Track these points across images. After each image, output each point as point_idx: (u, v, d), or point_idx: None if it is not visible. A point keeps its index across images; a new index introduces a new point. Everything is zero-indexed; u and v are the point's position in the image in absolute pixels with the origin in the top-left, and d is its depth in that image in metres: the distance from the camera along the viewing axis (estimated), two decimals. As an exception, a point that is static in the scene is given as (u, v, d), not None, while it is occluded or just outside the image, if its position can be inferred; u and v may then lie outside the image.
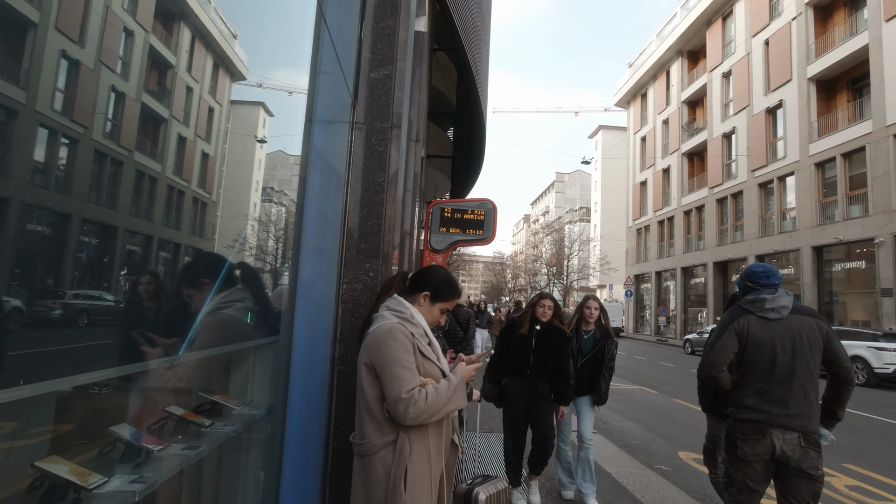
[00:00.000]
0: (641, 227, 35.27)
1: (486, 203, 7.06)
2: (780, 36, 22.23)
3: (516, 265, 62.38)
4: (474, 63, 7.36)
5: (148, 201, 1.34)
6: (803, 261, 20.15)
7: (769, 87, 22.74)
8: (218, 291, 1.72)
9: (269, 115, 2.09)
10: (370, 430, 1.74)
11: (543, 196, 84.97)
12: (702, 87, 28.49)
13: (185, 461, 1.45)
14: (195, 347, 1.63)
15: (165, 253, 1.51)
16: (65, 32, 0.99)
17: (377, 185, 2.50)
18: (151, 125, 1.34)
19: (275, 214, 2.43)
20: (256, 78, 1.91)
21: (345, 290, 2.44)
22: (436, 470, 1.78)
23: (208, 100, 1.63)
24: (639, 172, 36.15)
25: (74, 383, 1.08)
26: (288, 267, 2.38)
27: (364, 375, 1.76)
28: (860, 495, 4.93)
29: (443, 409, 1.72)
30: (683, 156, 30.00)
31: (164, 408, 1.55)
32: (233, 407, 1.83)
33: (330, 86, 2.43)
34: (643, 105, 36.68)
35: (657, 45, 33.83)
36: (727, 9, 26.47)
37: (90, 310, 1.12)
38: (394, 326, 1.77)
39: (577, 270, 45.15)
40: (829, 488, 5.08)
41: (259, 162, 2.13)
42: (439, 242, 6.77)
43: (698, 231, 28.15)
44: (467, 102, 9.15)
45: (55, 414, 1.10)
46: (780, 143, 22.09)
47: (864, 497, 4.90)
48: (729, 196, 25.28)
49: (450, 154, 11.99)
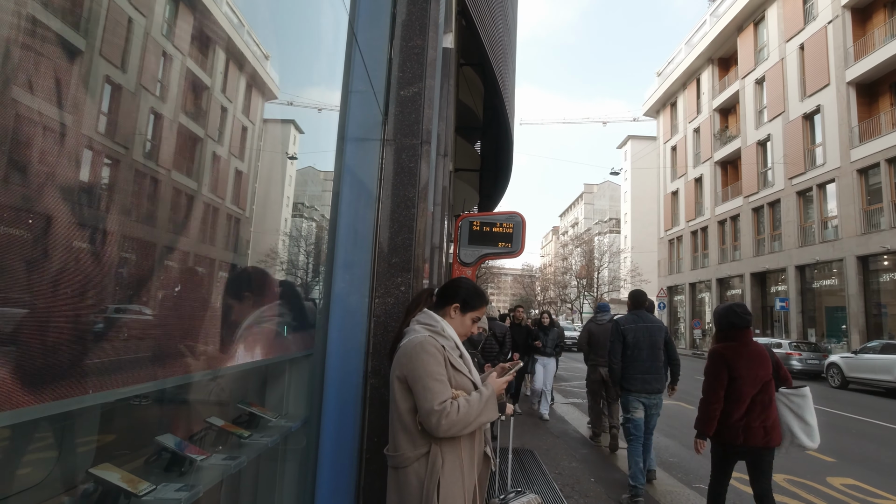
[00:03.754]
0: (674, 237, 34.52)
1: (514, 216, 7.04)
2: (815, 40, 21.64)
3: (545, 277, 61.76)
4: (501, 77, 7.41)
5: (184, 218, 1.39)
6: (847, 271, 19.32)
7: (805, 92, 22.11)
8: (259, 305, 1.78)
9: (299, 132, 2.15)
10: (403, 443, 1.76)
11: (572, 208, 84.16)
12: (734, 94, 27.90)
13: (226, 471, 1.49)
14: (234, 361, 1.68)
15: (201, 268, 1.56)
16: (108, 59, 1.05)
17: (408, 200, 2.54)
18: (188, 145, 1.39)
19: (305, 229, 2.50)
20: (287, 97, 1.98)
21: (377, 304, 2.48)
22: (469, 482, 1.78)
23: (241, 119, 1.69)
24: (670, 182, 35.48)
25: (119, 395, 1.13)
26: (319, 281, 2.43)
27: (397, 388, 1.78)
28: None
29: (475, 422, 1.73)
30: (716, 164, 29.33)
31: (205, 419, 1.60)
32: (270, 419, 1.88)
33: (361, 104, 2.50)
34: (673, 114, 36.11)
35: (686, 54, 33.36)
36: (759, 14, 25.96)
37: (130, 323, 1.17)
38: (425, 339, 1.79)
39: (608, 282, 44.40)
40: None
41: (290, 178, 2.19)
42: (468, 256, 6.78)
43: (733, 241, 27.37)
44: (494, 116, 9.20)
45: (101, 424, 1.15)
46: (819, 149, 21.39)
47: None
48: (765, 205, 24.55)
49: (478, 167, 12.04)
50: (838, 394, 13.71)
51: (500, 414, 1.98)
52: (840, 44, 20.26)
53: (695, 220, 31.44)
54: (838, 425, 9.24)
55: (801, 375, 17.09)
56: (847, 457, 6.80)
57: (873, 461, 6.73)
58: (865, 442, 7.92)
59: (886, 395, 13.28)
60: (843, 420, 9.82)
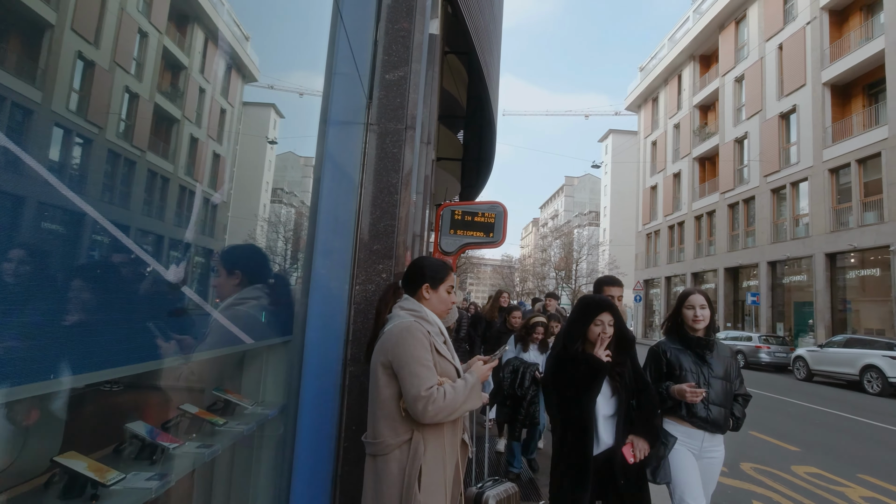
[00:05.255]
0: (651, 231, 35.05)
1: (496, 206, 7.03)
2: (794, 40, 22.04)
3: (524, 269, 62.21)
4: (486, 66, 7.36)
5: (160, 201, 1.35)
6: (816, 268, 19.91)
7: (783, 91, 22.54)
8: (247, 285, 1.74)
9: (280, 116, 2.10)
10: (384, 430, 1.74)
11: (552, 200, 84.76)
12: (714, 91, 28.29)
13: (199, 459, 1.45)
14: (209, 345, 1.64)
15: (176, 252, 1.52)
16: (80, 33, 0.99)
17: (391, 186, 2.50)
18: (164, 126, 1.34)
19: (284, 215, 2.44)
20: (268, 80, 1.92)
21: (357, 291, 2.44)
22: (450, 469, 1.78)
23: (220, 101, 1.64)
24: (649, 177, 35.94)
25: (89, 381, 1.09)
26: (298, 267, 2.38)
27: (381, 374, 1.76)
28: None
29: (460, 408, 1.72)
30: (695, 160, 29.79)
31: (178, 406, 1.56)
32: (246, 406, 1.84)
33: (345, 87, 2.44)
34: (654, 109, 36.49)
35: (669, 50, 33.66)
36: (740, 13, 26.30)
37: (100, 307, 1.13)
38: (412, 324, 1.77)
39: (586, 275, 44.95)
40: (843, 499, 5.01)
41: (269, 163, 2.14)
42: (449, 245, 6.76)
43: (709, 236, 27.92)
44: (478, 105, 9.15)
45: (69, 410, 1.11)
46: (794, 148, 21.88)
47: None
48: (741, 201, 25.06)
49: (460, 157, 11.99)
50: (803, 386, 14.19)
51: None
52: (817, 45, 20.67)
53: (672, 215, 31.95)
54: (803, 416, 9.56)
55: (769, 368, 17.65)
56: (811, 446, 7.04)
57: (835, 450, 6.98)
58: (827, 432, 8.21)
59: (848, 387, 13.79)
60: (808, 411, 10.16)
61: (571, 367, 2.52)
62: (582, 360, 2.50)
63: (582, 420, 2.44)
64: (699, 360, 2.80)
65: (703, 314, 2.83)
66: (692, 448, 2.75)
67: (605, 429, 2.51)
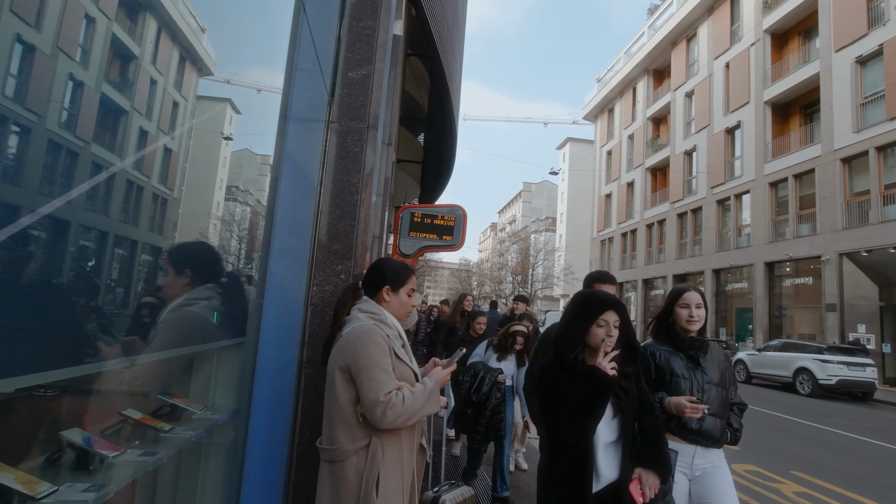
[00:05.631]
0: (605, 238, 36.08)
1: (456, 209, 7.05)
2: (739, 60, 23.25)
3: (482, 272, 62.75)
4: (448, 69, 7.38)
5: (105, 196, 1.27)
6: (756, 276, 21.01)
7: (728, 108, 23.72)
8: (196, 285, 1.66)
9: (236, 112, 2.02)
10: (341, 436, 1.70)
11: (511, 205, 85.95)
12: (666, 104, 29.46)
13: (142, 468, 1.37)
14: (155, 347, 1.56)
15: (121, 250, 1.44)
16: (20, 15, 0.93)
17: (351, 185, 2.46)
18: (111, 117, 1.27)
19: (239, 214, 2.36)
20: (224, 74, 1.84)
21: (314, 292, 2.38)
22: (407, 474, 1.75)
23: (173, 93, 1.57)
24: (604, 185, 37.02)
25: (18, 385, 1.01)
26: (253, 267, 2.30)
27: (338, 379, 1.72)
28: (807, 502, 5.14)
29: (419, 413, 1.70)
30: (647, 171, 30.90)
31: (119, 411, 1.47)
32: (194, 411, 1.75)
33: (306, 83, 2.38)
34: (610, 119, 37.65)
35: (625, 63, 34.83)
36: (691, 31, 27.52)
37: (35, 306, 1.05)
38: (371, 328, 1.74)
39: (542, 279, 45.78)
40: (778, 494, 5.28)
41: (224, 160, 2.06)
42: (408, 247, 6.73)
43: (659, 244, 29.00)
44: (439, 109, 9.16)
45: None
46: (738, 162, 23.04)
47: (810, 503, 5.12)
48: (689, 211, 26.17)
49: (420, 159, 11.98)
50: (743, 388, 14.92)
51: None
52: (760, 65, 21.88)
53: (625, 223, 33.01)
54: (744, 417, 10.04)
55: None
56: (749, 445, 7.40)
57: (771, 449, 7.37)
58: (766, 432, 8.65)
59: (783, 388, 14.62)
60: (748, 412, 10.68)
61: (567, 382, 1.97)
62: (582, 374, 1.95)
63: (579, 450, 1.93)
64: (692, 364, 2.45)
65: (699, 314, 2.47)
66: (682, 468, 2.35)
67: (606, 460, 2.00)
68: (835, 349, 13.75)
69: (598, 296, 2.15)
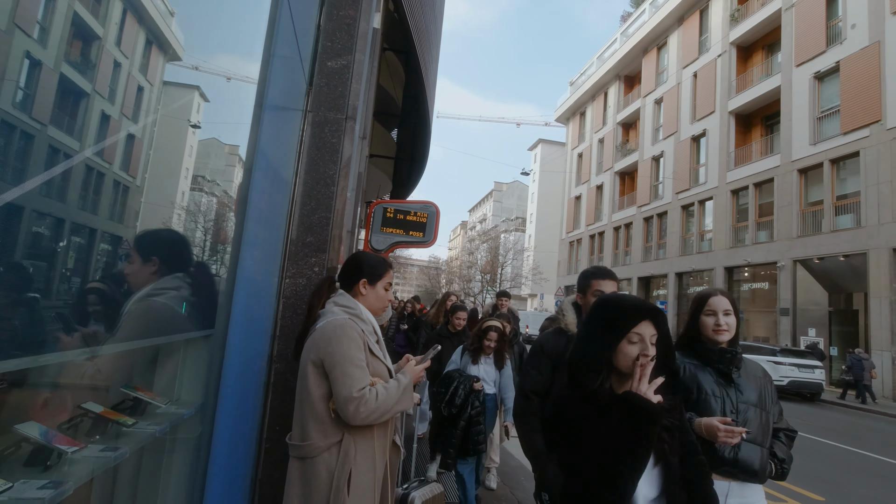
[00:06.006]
0: (574, 240, 36.67)
1: (429, 206, 7.04)
2: (706, 70, 23.95)
3: (451, 270, 62.91)
4: (424, 65, 7.35)
5: (62, 181, 1.21)
6: (716, 280, 21.73)
7: (695, 116, 24.42)
8: (164, 274, 1.60)
9: (204, 100, 1.94)
10: (313, 432, 1.66)
11: (481, 204, 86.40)
12: (636, 110, 30.11)
13: (103, 464, 1.31)
14: (120, 338, 1.49)
15: (79, 238, 1.37)
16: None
17: (327, 177, 2.41)
18: (71, 99, 1.21)
19: (205, 204, 2.29)
20: (193, 60, 1.78)
21: (287, 285, 2.32)
22: (379, 472, 1.73)
23: (138, 77, 1.51)
24: (574, 187, 37.60)
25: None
26: (223, 258, 2.23)
27: (310, 373, 1.68)
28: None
29: (392, 410, 1.68)
30: (616, 174, 31.53)
31: (79, 404, 1.40)
32: (159, 404, 1.69)
33: (285, 71, 2.32)
34: (581, 123, 38.24)
35: (597, 67, 35.43)
36: (662, 39, 28.19)
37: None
38: (345, 322, 1.71)
39: (511, 279, 46.20)
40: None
41: (191, 149, 1.98)
42: (380, 242, 6.68)
43: (626, 247, 29.65)
44: (414, 105, 9.12)
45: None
46: (703, 169, 23.76)
47: (763, 499, 5.32)
48: (655, 216, 26.85)
49: (393, 155, 11.90)
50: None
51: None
52: (726, 76, 22.61)
53: (594, 225, 33.61)
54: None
55: (673, 371, 19.01)
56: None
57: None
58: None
59: (739, 390, 15.13)
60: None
61: (595, 418, 1.46)
62: (619, 406, 1.44)
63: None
64: (723, 381, 2.06)
65: (727, 322, 2.09)
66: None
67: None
68: (787, 351, 14.35)
69: (627, 302, 1.58)
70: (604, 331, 1.55)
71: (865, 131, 15.94)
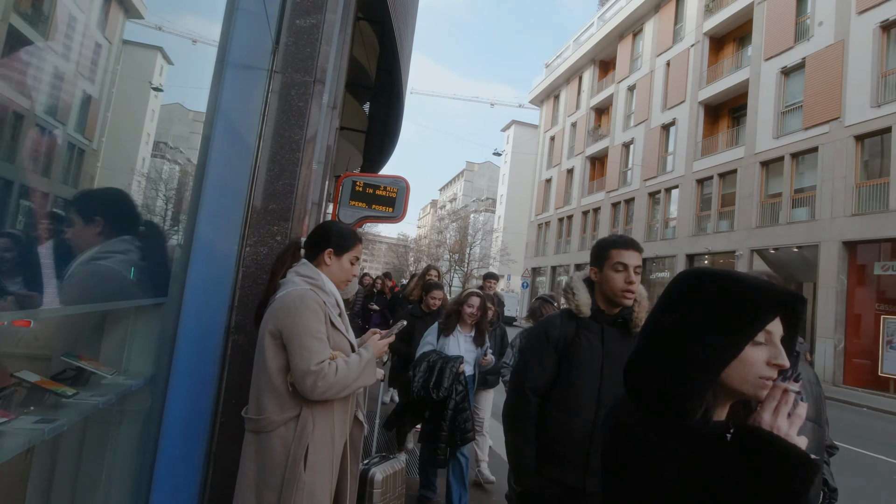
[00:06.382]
0: (542, 222, 37.03)
1: (399, 181, 6.91)
2: (679, 59, 24.24)
3: (419, 249, 62.81)
4: (400, 38, 7.14)
5: (10, 141, 1.10)
6: (678, 267, 22.37)
7: (666, 105, 24.77)
8: (109, 236, 1.49)
9: (168, 62, 1.83)
10: (269, 405, 1.60)
11: (452, 183, 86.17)
12: (609, 96, 30.32)
13: (37, 436, 1.22)
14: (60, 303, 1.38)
15: (28, 202, 1.26)
16: None
17: (293, 142, 2.29)
18: (21, 53, 1.10)
19: (167, 172, 2.17)
20: (156, 20, 1.68)
21: (247, 253, 2.22)
22: (338, 448, 1.68)
23: (95, 34, 1.39)
24: (545, 170, 37.82)
25: None
26: (179, 223, 2.12)
27: (268, 344, 1.61)
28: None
29: (352, 385, 1.63)
30: (587, 159, 31.84)
31: (12, 373, 1.30)
32: (104, 375, 1.59)
33: (249, 26, 2.18)
34: (555, 106, 38.31)
35: (573, 51, 35.40)
36: (638, 26, 28.32)
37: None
38: (306, 293, 1.64)
39: (479, 259, 46.48)
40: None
41: (152, 113, 1.87)
42: (348, 216, 6.53)
43: (593, 231, 30.14)
44: (388, 78, 8.88)
45: None
46: (670, 157, 24.22)
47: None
48: (623, 201, 27.31)
49: (365, 128, 11.65)
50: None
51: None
52: (698, 66, 22.94)
53: (563, 208, 33.99)
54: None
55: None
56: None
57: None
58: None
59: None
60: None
61: (694, 465, 0.88)
62: (751, 453, 0.86)
63: None
64: None
65: None
66: None
67: None
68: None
69: (756, 286, 0.98)
70: (719, 330, 0.94)
71: (825, 127, 16.48)
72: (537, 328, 2.14)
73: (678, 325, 0.99)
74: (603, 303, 2.02)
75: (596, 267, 2.07)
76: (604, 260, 2.03)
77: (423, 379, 3.34)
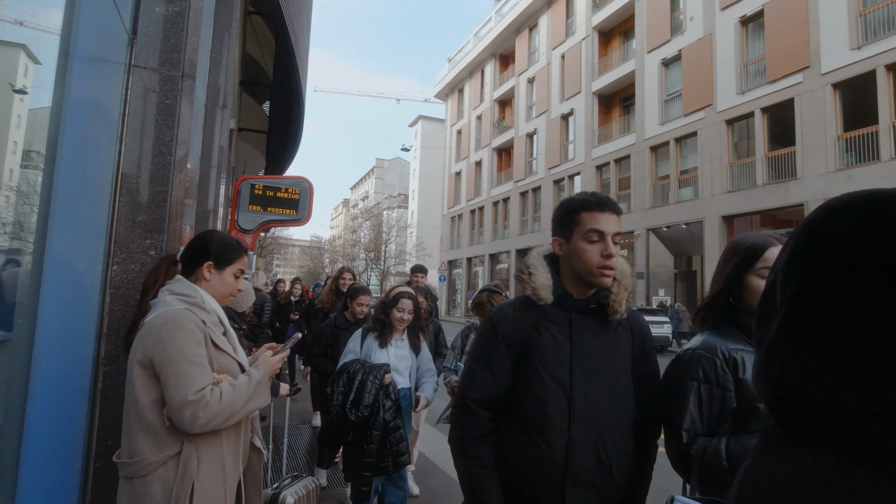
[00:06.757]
0: (455, 215, 37.53)
1: (301, 181, 6.62)
2: (573, 52, 25.50)
3: (334, 249, 61.33)
4: (294, 33, 6.82)
5: None
6: (584, 249, 23.62)
7: (564, 95, 25.98)
8: None
9: (34, 62, 1.66)
10: (143, 445, 1.39)
11: (363, 181, 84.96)
12: (511, 88, 31.25)
13: None
14: None
15: None
16: None
17: (162, 144, 2.05)
18: None
19: (41, 185, 1.88)
20: (16, 14, 1.52)
21: (115, 273, 1.96)
22: (231, 481, 1.51)
23: None
24: (454, 163, 38.30)
25: None
26: (24, 244, 1.81)
27: (137, 375, 1.40)
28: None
29: (242, 410, 1.46)
30: (494, 150, 32.65)
31: None
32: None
33: (96, 14, 1.90)
34: (460, 100, 38.85)
35: (474, 45, 36.05)
36: (533, 21, 29.39)
37: None
38: (180, 314, 1.44)
39: (395, 256, 46.25)
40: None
41: (18, 118, 1.67)
42: (248, 222, 6.15)
43: (504, 221, 31.02)
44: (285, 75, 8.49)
45: None
46: (571, 146, 25.46)
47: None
48: (530, 190, 28.34)
49: (265, 129, 11.09)
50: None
51: (273, 397, 1.74)
52: (590, 59, 24.27)
53: (474, 200, 34.64)
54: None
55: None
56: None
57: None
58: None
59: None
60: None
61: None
62: None
63: None
64: None
65: None
66: None
67: None
68: (641, 311, 16.11)
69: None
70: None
71: (701, 114, 18.13)
72: (483, 323, 1.65)
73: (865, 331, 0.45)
74: (571, 284, 1.51)
75: (561, 237, 1.54)
76: (571, 227, 1.50)
77: (342, 396, 2.76)
